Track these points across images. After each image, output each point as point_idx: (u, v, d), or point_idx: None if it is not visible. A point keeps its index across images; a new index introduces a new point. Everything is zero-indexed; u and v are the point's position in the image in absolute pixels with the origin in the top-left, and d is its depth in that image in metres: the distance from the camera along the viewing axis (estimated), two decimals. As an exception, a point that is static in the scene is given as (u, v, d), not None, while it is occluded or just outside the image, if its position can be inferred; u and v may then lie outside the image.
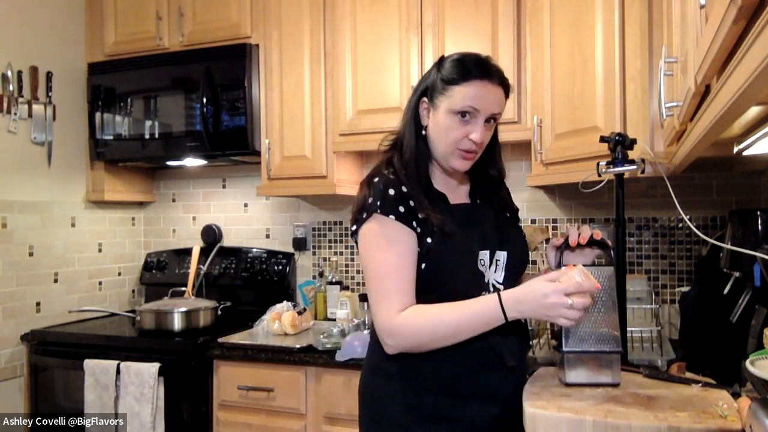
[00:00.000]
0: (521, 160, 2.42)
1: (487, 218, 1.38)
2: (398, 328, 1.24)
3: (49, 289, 2.63)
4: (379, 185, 1.30)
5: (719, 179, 2.19)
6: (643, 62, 1.70)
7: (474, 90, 1.28)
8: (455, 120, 1.30)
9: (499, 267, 1.35)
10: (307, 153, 2.43)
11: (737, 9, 0.59)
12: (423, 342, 1.25)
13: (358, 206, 1.32)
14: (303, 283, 2.78)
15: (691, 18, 0.99)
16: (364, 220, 1.29)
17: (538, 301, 1.19)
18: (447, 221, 1.28)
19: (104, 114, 2.70)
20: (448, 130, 1.30)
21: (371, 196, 1.29)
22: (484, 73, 1.29)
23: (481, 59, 1.32)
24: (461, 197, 1.41)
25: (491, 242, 1.34)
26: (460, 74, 1.29)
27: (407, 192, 1.29)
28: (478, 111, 1.29)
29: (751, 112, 0.86)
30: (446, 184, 1.39)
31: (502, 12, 2.14)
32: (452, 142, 1.31)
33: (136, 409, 2.22)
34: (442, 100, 1.30)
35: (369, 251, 1.30)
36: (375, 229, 1.28)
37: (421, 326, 1.25)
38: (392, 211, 1.27)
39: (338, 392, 2.06)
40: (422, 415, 1.28)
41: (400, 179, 1.30)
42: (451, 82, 1.29)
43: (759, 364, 1.01)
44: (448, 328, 1.24)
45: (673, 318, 2.23)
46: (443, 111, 1.30)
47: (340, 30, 2.36)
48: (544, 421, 1.15)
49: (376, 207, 1.27)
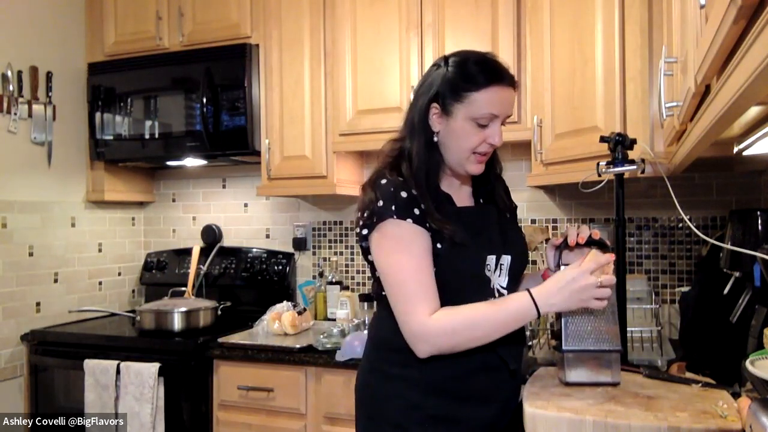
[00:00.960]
0: (521, 160, 2.42)
1: (492, 222, 1.38)
2: (434, 331, 1.22)
3: (49, 289, 2.63)
4: (388, 188, 1.26)
5: (719, 179, 2.19)
6: (643, 62, 1.70)
7: (492, 96, 1.26)
8: (474, 126, 1.27)
9: (503, 271, 1.35)
10: (307, 153, 2.43)
11: (737, 9, 0.59)
12: (459, 342, 1.24)
13: (368, 210, 1.27)
14: (303, 283, 2.78)
15: (691, 18, 0.99)
16: (376, 224, 1.26)
17: (569, 288, 1.20)
18: (458, 230, 1.26)
19: (104, 114, 2.70)
20: (467, 136, 1.28)
21: (381, 200, 1.25)
22: (501, 77, 1.27)
23: (494, 62, 1.30)
24: (465, 198, 1.40)
25: (497, 246, 1.34)
26: (478, 81, 1.25)
27: (417, 195, 1.26)
28: (497, 116, 1.28)
29: (751, 112, 0.86)
30: (451, 185, 1.38)
31: (502, 12, 2.14)
32: (471, 147, 1.29)
33: (136, 409, 2.22)
34: (459, 108, 1.27)
35: (388, 256, 1.26)
36: (392, 232, 1.25)
37: (456, 328, 1.23)
38: (408, 214, 1.24)
39: (338, 392, 2.06)
40: (422, 416, 1.28)
41: (408, 183, 1.27)
42: (468, 89, 1.26)
43: (759, 364, 1.01)
44: (483, 329, 1.23)
45: (673, 318, 2.23)
46: (461, 118, 1.27)
47: (340, 30, 2.36)
48: (544, 421, 1.15)
49: (390, 211, 1.24)
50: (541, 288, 1.23)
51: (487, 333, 1.24)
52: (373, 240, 1.28)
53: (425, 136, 1.31)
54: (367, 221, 1.28)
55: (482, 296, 1.30)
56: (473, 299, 1.27)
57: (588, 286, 1.19)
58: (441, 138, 1.31)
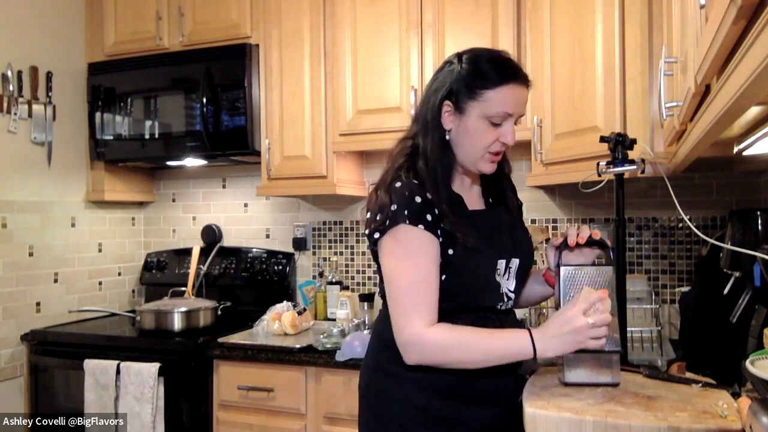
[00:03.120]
0: (521, 160, 2.42)
1: (503, 224, 1.37)
2: (428, 343, 1.22)
3: (49, 289, 2.63)
4: (403, 191, 1.24)
5: (719, 179, 2.19)
6: (643, 62, 1.70)
7: (508, 94, 1.25)
8: (487, 124, 1.26)
9: (512, 274, 1.35)
10: (307, 153, 2.43)
11: (737, 9, 0.59)
12: (449, 361, 1.23)
13: (381, 213, 1.26)
14: (303, 283, 2.78)
15: (691, 18, 0.99)
16: (388, 228, 1.24)
17: (564, 331, 1.17)
18: (470, 235, 1.26)
19: (104, 114, 2.70)
20: (481, 135, 1.27)
21: (395, 203, 1.24)
22: (516, 76, 1.26)
23: (509, 61, 1.29)
24: (476, 199, 1.40)
25: (507, 250, 1.33)
26: (492, 79, 1.25)
27: (431, 199, 1.25)
28: (511, 115, 1.27)
29: (751, 112, 0.86)
30: (462, 185, 1.37)
31: (502, 12, 2.14)
32: (484, 146, 1.28)
33: (136, 409, 2.22)
34: (474, 106, 1.26)
35: (396, 260, 1.25)
36: (403, 238, 1.23)
37: (451, 346, 1.22)
38: (421, 221, 1.23)
39: (338, 392, 2.06)
40: (427, 417, 1.28)
41: (424, 186, 1.25)
42: (483, 87, 1.25)
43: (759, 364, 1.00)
44: (476, 355, 1.22)
45: (673, 318, 2.23)
46: (475, 116, 1.26)
47: (340, 30, 2.36)
48: (544, 421, 1.14)
49: (403, 216, 1.22)
50: (541, 331, 1.21)
51: (479, 360, 1.23)
52: (383, 243, 1.27)
53: (438, 134, 1.29)
54: (379, 225, 1.26)
55: (492, 301, 1.30)
56: (484, 303, 1.27)
57: (582, 328, 1.16)
58: (453, 136, 1.30)
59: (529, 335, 1.20)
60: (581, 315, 1.17)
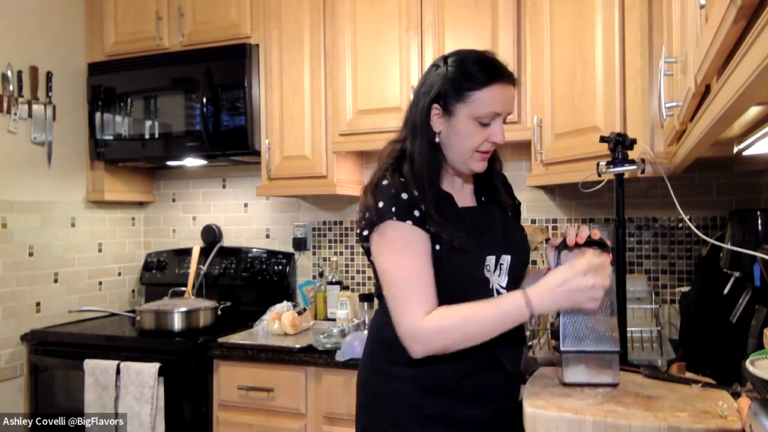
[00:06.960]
0: (521, 160, 2.42)
1: (494, 221, 1.38)
2: (426, 331, 1.22)
3: (49, 289, 2.63)
4: (389, 189, 1.26)
5: (719, 179, 2.19)
6: (643, 62, 1.70)
7: (494, 94, 1.26)
8: (476, 125, 1.28)
9: (503, 271, 1.35)
10: (307, 153, 2.43)
11: (737, 9, 0.59)
12: (452, 342, 1.23)
13: (369, 212, 1.28)
14: (303, 283, 2.78)
15: (691, 18, 0.99)
16: (376, 225, 1.26)
17: (561, 289, 1.19)
18: (458, 234, 1.26)
19: (104, 114, 2.70)
20: (471, 135, 1.28)
21: (382, 201, 1.26)
22: (501, 75, 1.27)
23: (494, 61, 1.30)
24: (467, 197, 1.40)
25: (498, 247, 1.34)
26: (479, 80, 1.26)
27: (418, 197, 1.26)
28: (500, 114, 1.28)
29: (751, 112, 0.86)
30: (452, 184, 1.38)
31: (502, 12, 2.14)
32: (474, 147, 1.29)
33: (136, 409, 2.22)
34: (461, 107, 1.27)
35: (386, 256, 1.27)
36: (391, 234, 1.25)
37: (448, 327, 1.23)
38: (408, 216, 1.24)
39: (338, 392, 2.06)
40: (423, 416, 1.29)
41: (409, 185, 1.27)
42: (470, 88, 1.26)
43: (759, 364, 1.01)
44: (476, 328, 1.23)
45: (673, 318, 2.23)
46: (464, 117, 1.27)
47: (340, 30, 2.36)
48: (544, 421, 1.14)
49: (391, 212, 1.24)
50: (535, 289, 1.22)
51: (480, 332, 1.23)
52: (372, 241, 1.29)
53: (427, 136, 1.31)
54: (367, 223, 1.28)
55: (482, 296, 1.29)
56: (473, 299, 1.26)
57: (580, 287, 1.18)
58: (443, 138, 1.31)
59: (522, 295, 1.21)
60: (582, 275, 1.19)
